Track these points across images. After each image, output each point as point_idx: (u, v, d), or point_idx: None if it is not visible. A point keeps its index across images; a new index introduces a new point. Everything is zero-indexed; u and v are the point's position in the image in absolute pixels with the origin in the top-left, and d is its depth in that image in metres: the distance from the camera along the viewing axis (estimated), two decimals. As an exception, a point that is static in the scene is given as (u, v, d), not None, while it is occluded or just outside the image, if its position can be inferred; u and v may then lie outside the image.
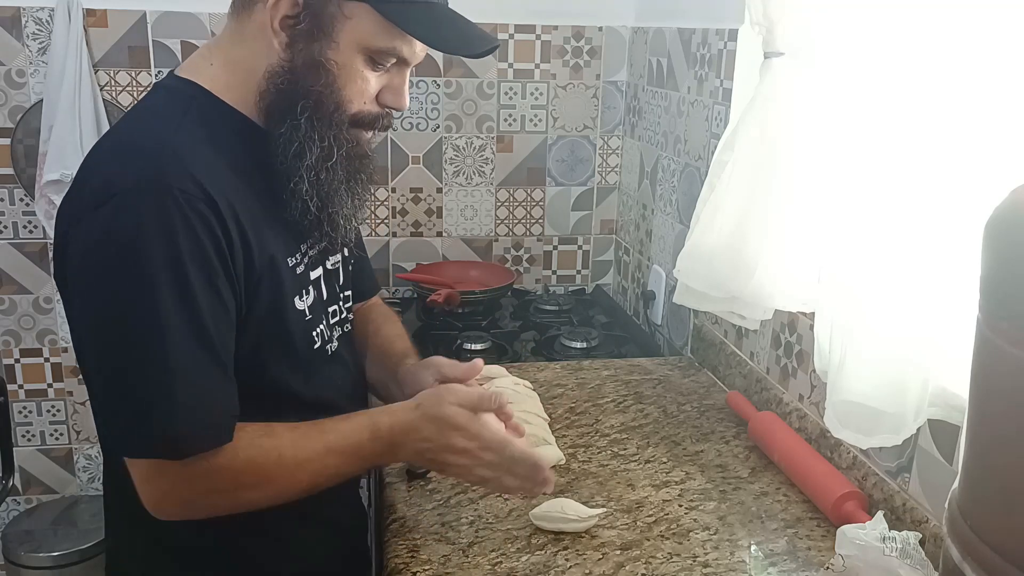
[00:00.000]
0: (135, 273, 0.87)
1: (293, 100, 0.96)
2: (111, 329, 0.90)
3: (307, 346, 1.05)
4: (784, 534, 1.15)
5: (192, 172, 0.90)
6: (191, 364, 0.89)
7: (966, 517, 0.64)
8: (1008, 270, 0.59)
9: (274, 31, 0.95)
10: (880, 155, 1.01)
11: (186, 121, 0.96)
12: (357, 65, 0.97)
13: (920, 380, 0.97)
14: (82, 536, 2.19)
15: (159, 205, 0.88)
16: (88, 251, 0.90)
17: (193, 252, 0.89)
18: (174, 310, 0.88)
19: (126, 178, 0.89)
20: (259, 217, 0.97)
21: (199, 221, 0.89)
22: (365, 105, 1.00)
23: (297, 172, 0.98)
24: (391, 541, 1.11)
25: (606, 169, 2.37)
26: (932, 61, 0.94)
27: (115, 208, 0.88)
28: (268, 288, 0.98)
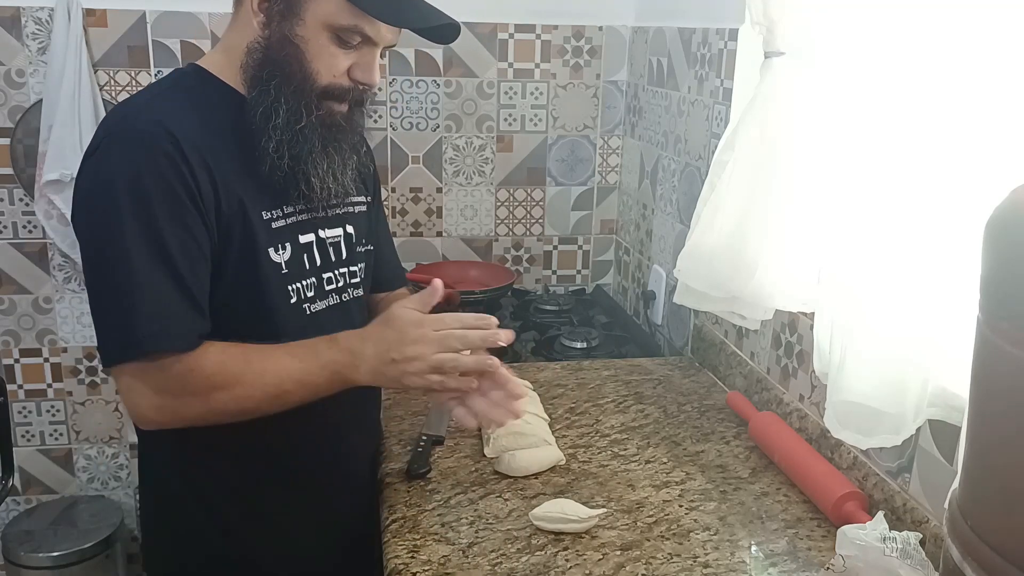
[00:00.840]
0: (106, 207, 1.02)
1: (264, 68, 1.08)
2: (91, 258, 1.04)
3: (281, 298, 1.13)
4: (784, 534, 1.15)
5: (162, 121, 1.03)
6: (153, 281, 1.01)
7: (966, 517, 0.64)
8: (1008, 270, 0.59)
9: (254, 12, 1.08)
10: (880, 155, 1.01)
11: (173, 91, 1.12)
12: (323, 41, 1.07)
13: (920, 380, 0.97)
14: (82, 536, 2.19)
15: (128, 147, 1.03)
16: (77, 194, 1.06)
17: (158, 186, 1.01)
18: (138, 237, 1.01)
19: (111, 130, 1.06)
20: (234, 171, 1.08)
21: (164, 159, 1.02)
22: (335, 79, 1.09)
23: (266, 132, 1.08)
24: (391, 541, 1.10)
25: (606, 169, 2.37)
26: (932, 61, 0.94)
27: (96, 156, 1.04)
28: (240, 234, 1.08)
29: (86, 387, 2.29)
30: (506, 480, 1.25)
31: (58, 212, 2.04)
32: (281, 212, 1.13)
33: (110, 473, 2.38)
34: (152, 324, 1.01)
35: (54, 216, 2.05)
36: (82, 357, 2.27)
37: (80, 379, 2.28)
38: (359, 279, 1.26)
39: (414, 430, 1.40)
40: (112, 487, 2.39)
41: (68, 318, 2.23)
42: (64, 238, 2.08)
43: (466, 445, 1.36)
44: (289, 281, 1.14)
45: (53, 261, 2.19)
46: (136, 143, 1.02)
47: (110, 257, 1.02)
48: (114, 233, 1.01)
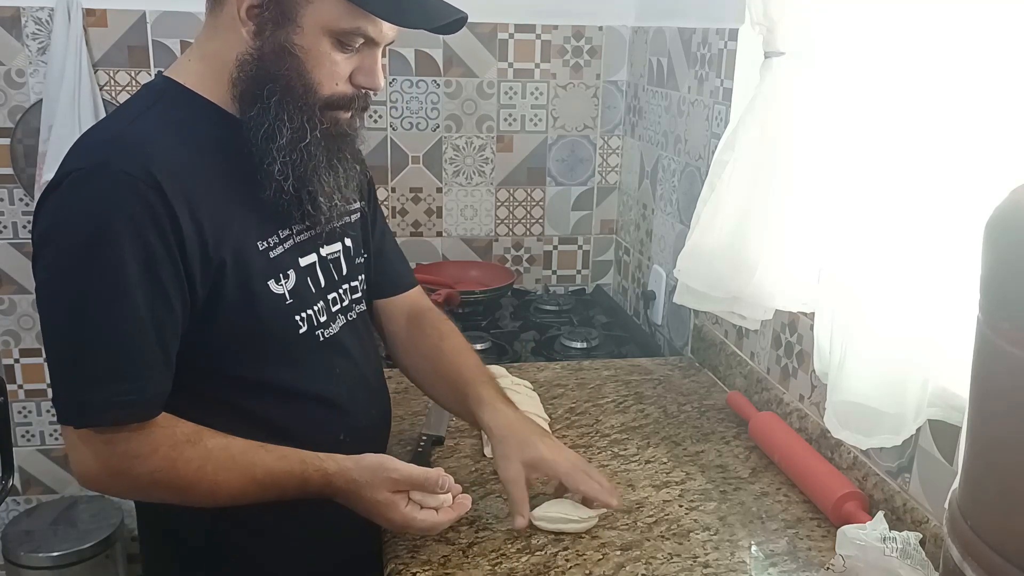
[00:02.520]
0: (68, 256, 0.92)
1: (261, 84, 0.99)
2: (45, 309, 0.95)
3: (289, 331, 1.06)
4: (784, 534, 1.15)
5: (144, 160, 0.94)
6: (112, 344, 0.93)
7: (966, 517, 0.64)
8: (1008, 270, 0.59)
9: (242, 20, 0.98)
10: (880, 155, 1.01)
11: (149, 113, 1.00)
12: (324, 48, 0.99)
13: (920, 380, 0.97)
14: (82, 536, 2.19)
15: (101, 187, 0.92)
16: (38, 235, 0.95)
17: (129, 235, 0.92)
18: (100, 294, 0.92)
19: (80, 162, 0.94)
20: (223, 203, 1.00)
21: (141, 206, 0.92)
22: (337, 87, 1.02)
23: (269, 154, 1.00)
24: (391, 541, 1.10)
25: (606, 169, 2.37)
26: (932, 61, 0.94)
27: (64, 191, 0.93)
28: (234, 272, 1.00)
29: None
30: (506, 480, 1.25)
31: (58, 212, 2.04)
32: (278, 238, 1.06)
33: (110, 473, 2.38)
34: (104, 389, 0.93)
35: (54, 216, 2.05)
36: (82, 357, 2.27)
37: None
38: (360, 293, 1.21)
39: (414, 430, 1.40)
40: (112, 487, 2.38)
41: (68, 318, 2.23)
42: (64, 238, 2.08)
43: (466, 445, 1.36)
44: (295, 311, 1.06)
45: (53, 261, 2.19)
46: (109, 184, 0.92)
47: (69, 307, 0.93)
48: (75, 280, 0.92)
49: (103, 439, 0.95)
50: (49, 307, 0.95)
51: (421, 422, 1.43)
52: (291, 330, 1.06)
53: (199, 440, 0.98)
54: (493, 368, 1.56)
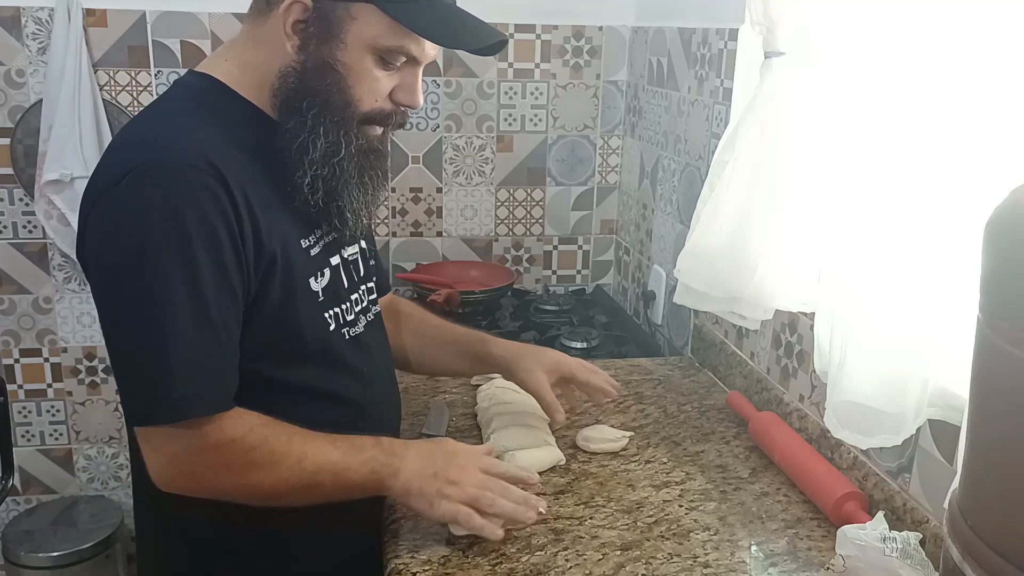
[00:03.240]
0: (142, 254, 0.92)
1: (301, 97, 1.01)
2: (121, 308, 0.95)
3: (321, 328, 1.08)
4: (784, 534, 1.15)
5: (203, 151, 0.95)
6: (192, 340, 0.93)
7: (966, 517, 0.64)
8: (1008, 270, 0.59)
9: (287, 35, 1.00)
10: (880, 155, 1.01)
11: (199, 110, 1.01)
12: (366, 65, 1.01)
13: (920, 380, 0.97)
14: (82, 536, 2.19)
15: (168, 182, 0.92)
16: (102, 231, 0.95)
17: (202, 230, 0.93)
18: (179, 289, 0.92)
19: (138, 158, 0.94)
20: (270, 200, 1.01)
21: (208, 197, 0.93)
22: (377, 103, 1.03)
23: (301, 167, 1.02)
24: (391, 541, 1.10)
25: (606, 169, 2.37)
26: (932, 61, 0.94)
27: (127, 186, 0.92)
28: (282, 268, 1.01)
29: (86, 387, 2.29)
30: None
31: (58, 212, 2.04)
32: (315, 236, 1.08)
33: (110, 473, 2.38)
34: (189, 386, 0.93)
35: (54, 216, 2.05)
36: (82, 357, 2.27)
37: (80, 379, 2.28)
38: (375, 295, 1.23)
39: (414, 430, 1.40)
40: (112, 487, 2.39)
41: (68, 318, 2.23)
42: (64, 238, 2.08)
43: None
44: (325, 308, 1.08)
45: (53, 261, 2.19)
46: (175, 175, 0.92)
47: (146, 304, 0.92)
48: (150, 276, 0.91)
49: (197, 432, 0.95)
50: (121, 307, 0.94)
51: (421, 422, 1.43)
52: (322, 328, 1.08)
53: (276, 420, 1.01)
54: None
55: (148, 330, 0.93)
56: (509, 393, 1.44)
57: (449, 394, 1.54)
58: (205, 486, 1.00)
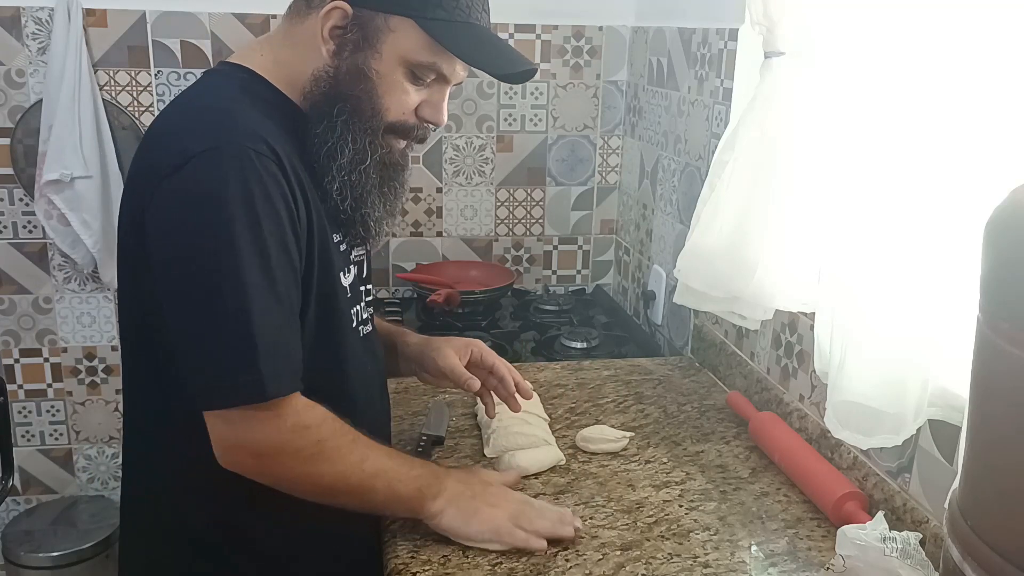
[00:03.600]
0: (216, 232, 0.92)
1: (333, 102, 1.02)
2: (195, 286, 0.93)
3: (347, 323, 1.10)
4: (784, 534, 1.15)
5: (261, 133, 0.96)
6: (268, 317, 0.93)
7: (966, 517, 0.64)
8: (1008, 270, 0.59)
9: (323, 39, 1.01)
10: (880, 155, 1.01)
11: (244, 95, 1.02)
12: (398, 77, 1.02)
13: (920, 380, 0.97)
14: (82, 536, 2.19)
15: (235, 165, 0.92)
16: (168, 215, 0.94)
17: (268, 210, 0.94)
18: (255, 268, 0.92)
19: (202, 141, 0.93)
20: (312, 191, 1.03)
21: (272, 180, 0.94)
22: (403, 116, 1.05)
23: (329, 172, 1.03)
24: (391, 541, 1.10)
25: (606, 169, 2.37)
26: (932, 61, 0.94)
27: (193, 170, 0.92)
28: (319, 259, 1.03)
29: (86, 387, 2.29)
30: (506, 480, 1.25)
31: (58, 212, 2.04)
32: (341, 234, 1.09)
33: (110, 473, 2.38)
34: (271, 363, 0.93)
35: (54, 216, 2.05)
36: (82, 357, 2.27)
37: (80, 379, 2.28)
38: (372, 296, 1.25)
39: (414, 430, 1.40)
40: (112, 487, 2.39)
41: (68, 318, 2.23)
42: (64, 238, 2.08)
43: (466, 445, 1.36)
44: (351, 305, 1.11)
45: (53, 261, 2.19)
46: (241, 158, 0.92)
47: (220, 289, 0.92)
48: (225, 257, 0.91)
49: (275, 414, 0.95)
50: (197, 288, 0.93)
51: (421, 422, 1.43)
52: (348, 324, 1.11)
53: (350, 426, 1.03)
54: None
55: (229, 309, 0.92)
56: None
57: (449, 394, 1.54)
58: (269, 470, 0.99)
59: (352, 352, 1.12)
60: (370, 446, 1.03)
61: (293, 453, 0.98)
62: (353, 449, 1.01)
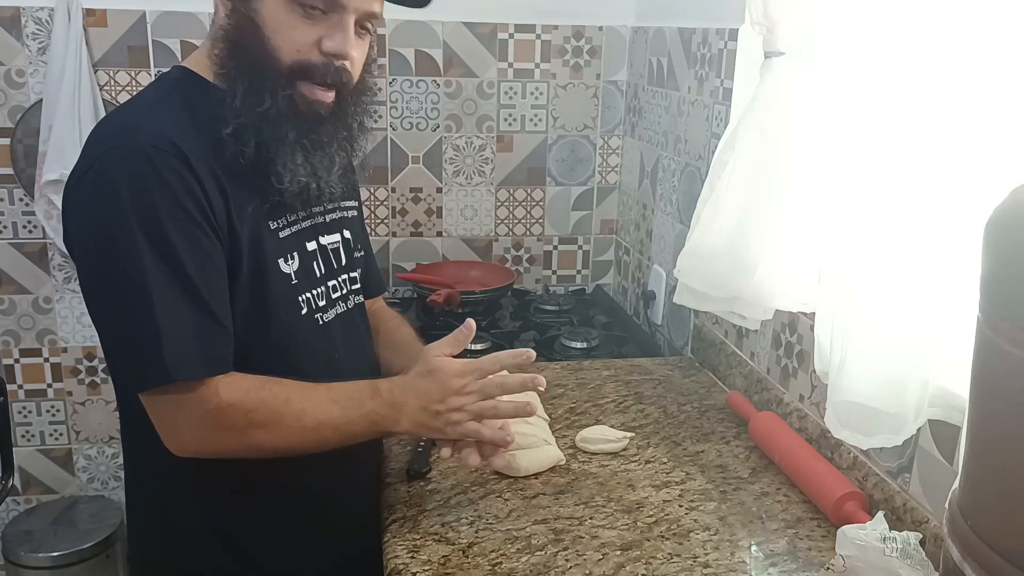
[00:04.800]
0: (116, 230, 0.95)
1: (230, 58, 1.02)
2: (103, 286, 0.98)
3: (293, 310, 1.09)
4: (784, 534, 1.15)
5: (167, 134, 0.97)
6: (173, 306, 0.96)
7: (966, 517, 0.64)
8: (1008, 270, 0.59)
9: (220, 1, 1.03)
10: (880, 155, 1.01)
11: (168, 100, 1.04)
12: (280, 14, 0.99)
13: (920, 380, 0.97)
14: (82, 536, 2.19)
15: (132, 162, 0.96)
16: (78, 218, 0.99)
17: (167, 204, 0.96)
18: (153, 260, 0.95)
19: (104, 145, 0.98)
20: (237, 185, 1.02)
21: (172, 175, 0.96)
22: (300, 53, 1.01)
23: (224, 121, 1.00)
24: (391, 541, 1.10)
25: (606, 169, 2.37)
26: (932, 61, 0.94)
27: (95, 172, 0.97)
28: (250, 248, 1.04)
29: (86, 387, 2.29)
30: (506, 480, 1.25)
31: (58, 212, 2.03)
32: (286, 220, 1.09)
33: (110, 473, 2.38)
34: (179, 350, 0.96)
35: (54, 216, 2.05)
36: (82, 357, 2.27)
37: (80, 379, 2.28)
38: (359, 285, 1.24)
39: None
40: (112, 487, 2.39)
41: (68, 318, 2.23)
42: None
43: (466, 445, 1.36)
44: (299, 292, 1.10)
45: (53, 261, 2.19)
46: (138, 157, 0.95)
47: (124, 281, 0.96)
48: (125, 254, 0.95)
49: (195, 396, 0.98)
50: (103, 288, 0.98)
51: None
52: (294, 311, 1.09)
53: (279, 380, 1.03)
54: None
55: (133, 304, 0.96)
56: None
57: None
58: (215, 447, 1.02)
59: (305, 340, 1.11)
60: (308, 398, 1.03)
61: (226, 429, 1.00)
62: (288, 409, 1.02)
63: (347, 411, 1.05)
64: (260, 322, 1.06)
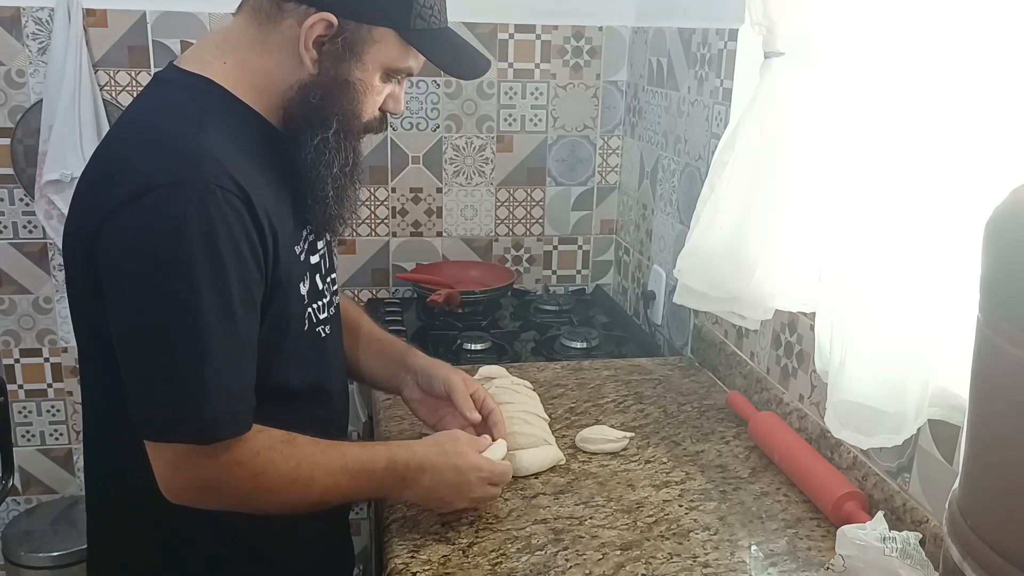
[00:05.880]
0: (176, 268, 0.91)
1: (324, 114, 1.03)
2: (149, 320, 0.92)
3: (301, 328, 1.09)
4: (784, 534, 1.15)
5: (228, 169, 0.94)
6: (224, 358, 0.93)
7: (966, 517, 0.64)
8: (1008, 270, 0.59)
9: (306, 48, 0.99)
10: (880, 155, 1.01)
11: (211, 119, 0.99)
12: (376, 82, 1.05)
13: (920, 380, 0.97)
14: (82, 536, 2.15)
15: (200, 201, 0.91)
16: (127, 244, 0.92)
17: (230, 248, 0.93)
18: (212, 306, 0.91)
19: (165, 174, 0.92)
20: (276, 210, 1.01)
21: (236, 218, 0.93)
22: (376, 114, 1.08)
23: (325, 181, 1.05)
24: (391, 541, 1.10)
25: (606, 169, 2.37)
26: (932, 61, 0.94)
27: (156, 201, 0.90)
28: (284, 280, 1.03)
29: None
30: (506, 480, 1.25)
31: (58, 212, 2.04)
32: (304, 240, 1.09)
33: (110, 473, 2.38)
34: (220, 406, 0.92)
35: (54, 216, 2.05)
36: (82, 357, 2.27)
37: (80, 379, 2.28)
38: (337, 286, 1.23)
39: (414, 430, 1.40)
40: (112, 487, 2.38)
41: (68, 318, 2.22)
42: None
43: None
44: (305, 310, 1.09)
45: (53, 261, 2.19)
46: (205, 194, 0.91)
47: (176, 324, 0.91)
48: (183, 298, 0.90)
49: (206, 451, 0.94)
50: (146, 322, 0.93)
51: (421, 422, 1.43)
52: (303, 327, 1.09)
53: (293, 439, 1.01)
54: (493, 368, 1.57)
55: (182, 345, 0.91)
56: (509, 393, 1.44)
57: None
58: (213, 500, 0.99)
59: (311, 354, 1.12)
60: (319, 465, 1.01)
61: (230, 487, 0.98)
62: (296, 477, 0.99)
63: (356, 481, 1.04)
64: (277, 341, 1.04)
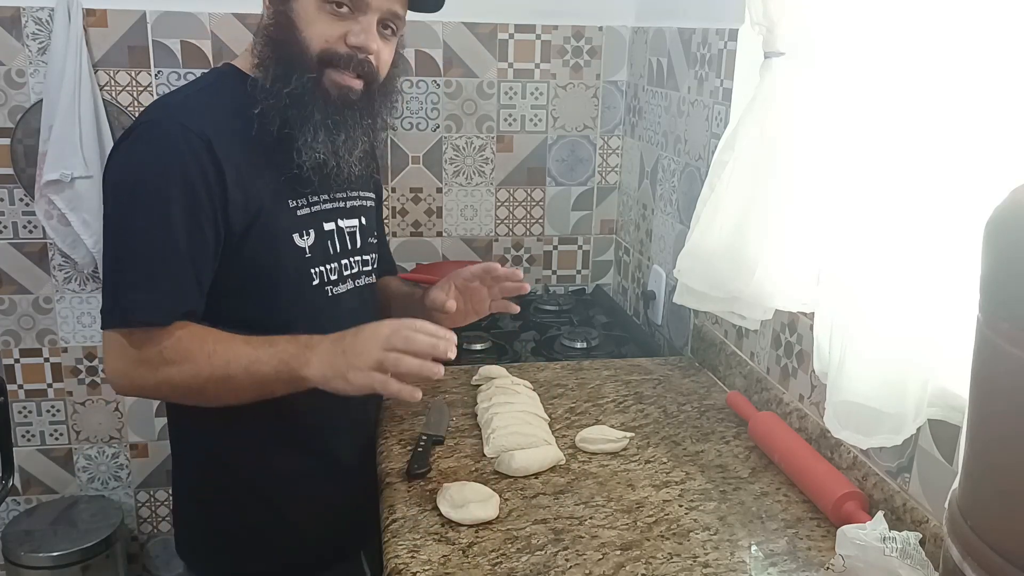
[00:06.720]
0: (128, 187, 1.11)
1: (268, 51, 1.16)
2: (108, 230, 1.13)
3: (304, 280, 1.22)
4: (784, 534, 1.15)
5: (195, 119, 1.11)
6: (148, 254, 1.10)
7: (966, 517, 0.64)
8: (1008, 270, 0.59)
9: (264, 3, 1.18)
10: (880, 155, 1.01)
11: (209, 88, 1.20)
12: (313, 10, 1.13)
13: (920, 380, 0.97)
14: (82, 536, 2.19)
15: (158, 141, 1.10)
16: (112, 173, 1.14)
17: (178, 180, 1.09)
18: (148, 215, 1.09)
19: (147, 116, 1.14)
20: (264, 166, 1.16)
21: (191, 158, 1.10)
22: (327, 43, 1.14)
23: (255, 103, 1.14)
24: (391, 541, 1.10)
25: (606, 169, 2.37)
26: (932, 61, 0.94)
27: (133, 140, 1.13)
28: (266, 221, 1.16)
29: (86, 387, 2.29)
30: (506, 480, 1.25)
31: (58, 212, 2.04)
32: (306, 201, 1.21)
33: (110, 473, 2.38)
34: (136, 295, 1.09)
35: (54, 216, 2.05)
36: (82, 357, 2.27)
37: (80, 379, 2.28)
38: (371, 268, 1.35)
39: (414, 430, 1.40)
40: (112, 487, 2.39)
41: (68, 318, 2.23)
42: (64, 238, 2.08)
43: (466, 445, 1.36)
44: (312, 264, 1.22)
45: (53, 261, 2.19)
46: (166, 138, 1.10)
47: (118, 230, 1.11)
48: (127, 209, 1.10)
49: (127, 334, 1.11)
50: (107, 232, 1.13)
51: (421, 422, 1.43)
52: (306, 281, 1.22)
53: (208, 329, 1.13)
54: (492, 368, 1.57)
55: (117, 249, 1.11)
56: (509, 393, 1.44)
57: (449, 394, 1.54)
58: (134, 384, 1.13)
59: (314, 309, 1.22)
60: (222, 340, 1.11)
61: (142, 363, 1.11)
62: (200, 348, 1.10)
63: (257, 350, 1.11)
64: (269, 289, 1.18)
